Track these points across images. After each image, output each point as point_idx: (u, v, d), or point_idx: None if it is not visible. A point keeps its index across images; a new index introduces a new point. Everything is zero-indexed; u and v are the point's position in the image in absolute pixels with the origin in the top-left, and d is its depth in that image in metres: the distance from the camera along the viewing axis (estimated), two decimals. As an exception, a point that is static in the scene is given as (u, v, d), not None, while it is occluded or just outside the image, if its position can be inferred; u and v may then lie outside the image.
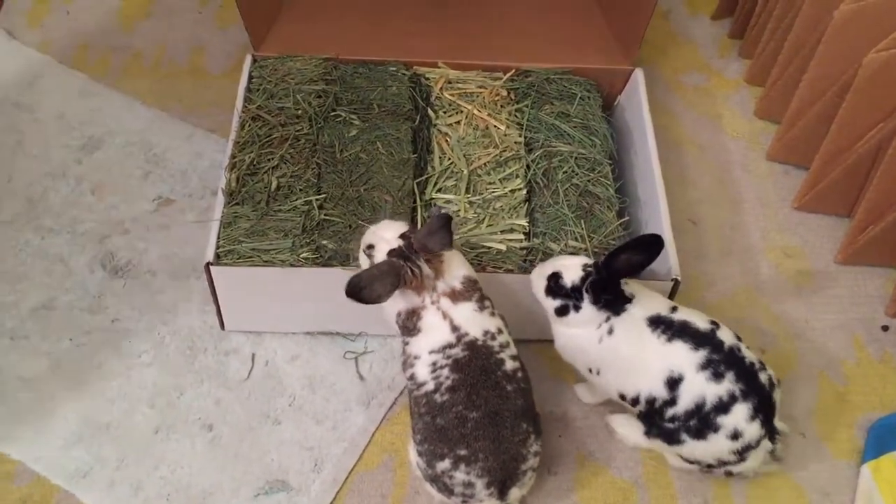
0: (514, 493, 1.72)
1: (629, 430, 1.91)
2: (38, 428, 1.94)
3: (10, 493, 1.86)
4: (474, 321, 1.71)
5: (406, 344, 1.75)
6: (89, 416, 1.97)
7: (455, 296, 1.71)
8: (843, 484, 1.94)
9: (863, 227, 2.22)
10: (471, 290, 1.74)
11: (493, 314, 1.76)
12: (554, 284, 1.77)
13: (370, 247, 1.75)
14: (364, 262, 1.78)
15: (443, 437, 1.66)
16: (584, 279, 1.73)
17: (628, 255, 1.69)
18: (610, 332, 1.75)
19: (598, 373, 1.81)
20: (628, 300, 1.75)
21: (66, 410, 1.97)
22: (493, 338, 1.72)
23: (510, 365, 1.72)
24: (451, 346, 1.69)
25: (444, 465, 1.67)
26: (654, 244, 1.69)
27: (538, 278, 1.81)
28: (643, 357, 1.74)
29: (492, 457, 1.66)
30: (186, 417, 1.97)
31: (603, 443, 1.97)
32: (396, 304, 1.73)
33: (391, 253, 1.70)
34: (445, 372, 1.67)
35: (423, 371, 1.70)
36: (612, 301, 1.74)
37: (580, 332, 1.79)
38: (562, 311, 1.77)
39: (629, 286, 1.77)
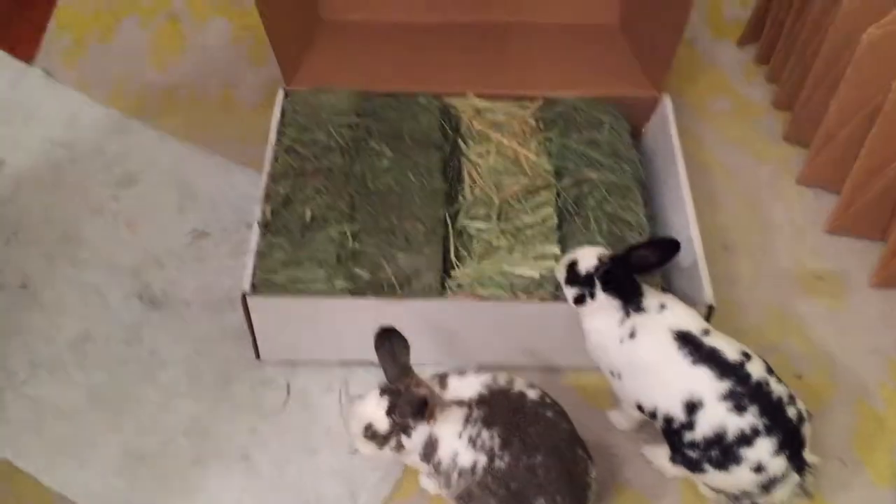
0: None
1: (662, 459, 1.89)
2: (77, 459, 1.96)
3: (50, 524, 1.88)
4: (468, 386, 1.72)
5: (438, 464, 1.70)
6: (127, 447, 1.98)
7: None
8: (885, 511, 1.92)
9: (896, 251, 2.21)
10: (443, 379, 1.75)
11: (476, 373, 1.75)
12: (571, 272, 1.81)
13: (367, 427, 1.66)
14: (369, 450, 1.68)
15: (519, 499, 1.62)
16: (597, 267, 1.78)
17: (645, 252, 1.75)
18: (632, 335, 1.75)
19: (619, 377, 1.81)
20: (640, 293, 1.77)
21: (103, 441, 1.99)
22: (496, 381, 1.72)
23: (532, 393, 1.71)
24: (468, 415, 1.67)
25: None
26: (669, 246, 1.76)
27: (561, 267, 1.85)
28: (664, 370, 1.73)
29: (568, 496, 1.63)
30: (222, 448, 1.99)
31: (639, 470, 1.96)
32: (419, 438, 1.68)
33: (389, 411, 1.64)
34: (484, 434, 1.65)
35: (466, 456, 1.66)
36: (624, 290, 1.76)
37: (601, 327, 1.80)
38: (579, 300, 1.81)
39: (661, 296, 1.79)
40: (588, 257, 1.81)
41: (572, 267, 1.82)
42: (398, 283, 1.94)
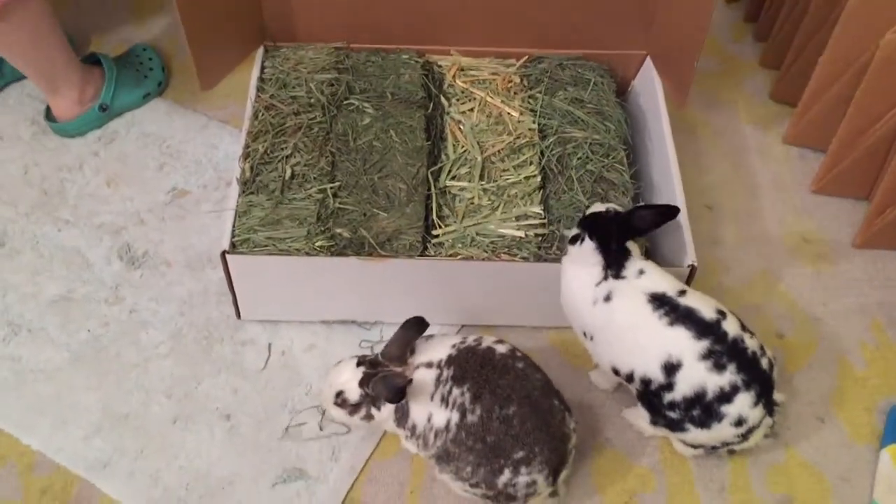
0: (563, 475, 1.71)
1: (641, 421, 1.89)
2: (58, 419, 1.96)
3: (31, 483, 1.88)
4: (437, 348, 1.73)
5: (413, 427, 1.72)
6: (108, 407, 1.98)
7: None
8: (862, 469, 1.93)
9: (881, 210, 2.20)
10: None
11: (444, 335, 1.79)
12: (582, 215, 1.88)
13: (339, 394, 1.72)
14: (339, 414, 1.75)
15: (497, 452, 1.62)
16: (597, 214, 1.83)
17: (646, 213, 1.78)
18: (607, 298, 1.74)
19: (591, 338, 1.81)
20: (625, 258, 1.76)
21: (85, 401, 1.99)
22: (464, 342, 1.72)
23: (502, 348, 1.71)
24: (438, 376, 1.68)
25: (505, 477, 1.62)
26: (669, 212, 1.80)
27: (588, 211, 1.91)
28: (640, 333, 1.72)
29: (546, 447, 1.63)
30: (204, 407, 1.98)
31: (620, 430, 1.97)
32: (387, 411, 1.73)
33: (362, 382, 1.69)
34: (455, 392, 1.65)
35: (440, 416, 1.66)
36: (609, 246, 1.75)
37: (575, 283, 1.80)
38: (573, 240, 1.82)
39: (641, 262, 1.78)
40: (597, 207, 1.87)
41: (585, 212, 1.88)
42: (379, 242, 1.92)
